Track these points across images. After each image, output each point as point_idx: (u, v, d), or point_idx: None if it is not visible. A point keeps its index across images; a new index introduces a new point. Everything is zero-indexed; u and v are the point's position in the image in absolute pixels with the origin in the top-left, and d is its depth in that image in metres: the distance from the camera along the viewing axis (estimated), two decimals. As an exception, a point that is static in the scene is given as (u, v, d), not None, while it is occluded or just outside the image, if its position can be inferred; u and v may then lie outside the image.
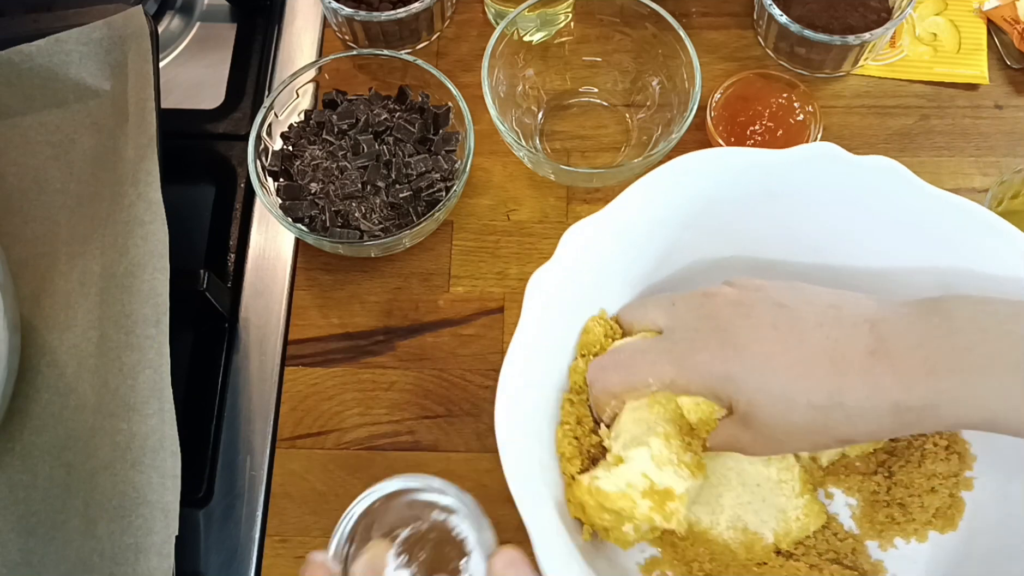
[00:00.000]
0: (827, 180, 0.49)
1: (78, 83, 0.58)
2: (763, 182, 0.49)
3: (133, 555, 0.47)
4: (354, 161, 0.58)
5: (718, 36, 0.68)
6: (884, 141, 0.64)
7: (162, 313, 0.50)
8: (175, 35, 0.70)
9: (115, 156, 0.56)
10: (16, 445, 0.52)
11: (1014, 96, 0.65)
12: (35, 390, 0.52)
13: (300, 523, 0.54)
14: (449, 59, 0.67)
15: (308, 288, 0.60)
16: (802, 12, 0.64)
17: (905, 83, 0.66)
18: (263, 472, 0.55)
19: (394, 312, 0.59)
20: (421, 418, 0.56)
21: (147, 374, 0.49)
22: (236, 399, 0.57)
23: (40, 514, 0.50)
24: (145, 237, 0.51)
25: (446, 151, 0.59)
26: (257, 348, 0.59)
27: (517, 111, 0.63)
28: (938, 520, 0.49)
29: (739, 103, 0.63)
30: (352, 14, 0.63)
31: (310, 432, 0.56)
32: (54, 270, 0.55)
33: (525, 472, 0.43)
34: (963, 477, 0.50)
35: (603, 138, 0.64)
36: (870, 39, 0.61)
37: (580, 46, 0.65)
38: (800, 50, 0.64)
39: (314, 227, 0.57)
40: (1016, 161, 0.63)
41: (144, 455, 0.48)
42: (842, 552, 0.49)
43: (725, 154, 0.49)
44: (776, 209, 0.50)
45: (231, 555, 0.53)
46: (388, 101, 0.61)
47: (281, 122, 0.60)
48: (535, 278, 0.47)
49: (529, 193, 0.62)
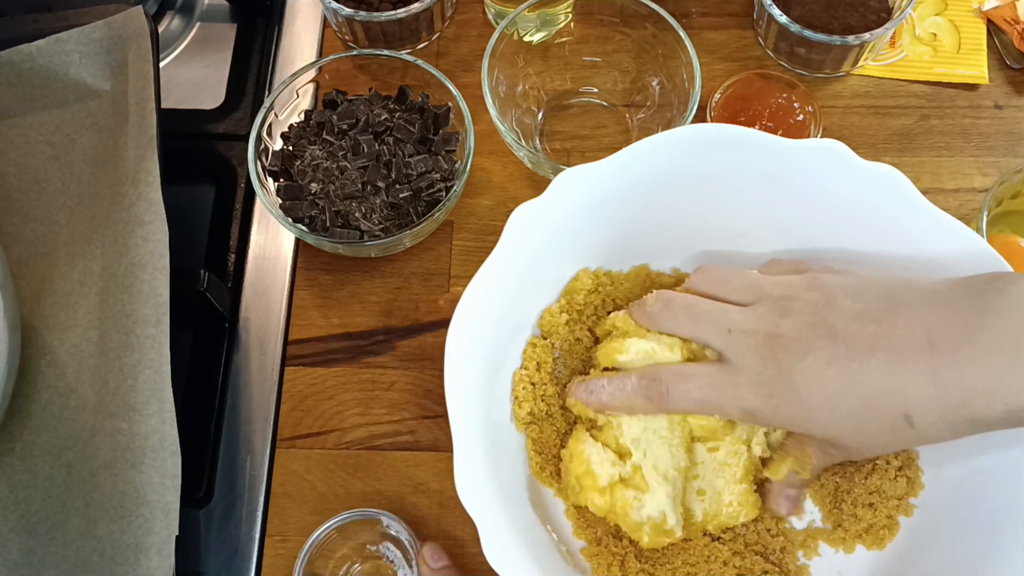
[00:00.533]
0: (827, 177, 0.49)
1: (78, 83, 0.59)
2: (765, 165, 0.49)
3: (133, 555, 0.47)
4: (354, 161, 0.58)
5: (718, 36, 0.68)
6: (884, 141, 0.64)
7: (162, 313, 0.50)
8: (175, 35, 0.70)
9: (115, 156, 0.56)
10: (16, 445, 0.52)
11: (1014, 96, 0.65)
12: (35, 390, 0.52)
13: (300, 523, 0.54)
14: (449, 59, 0.67)
15: (308, 288, 0.60)
16: (802, 12, 0.64)
17: (905, 83, 0.66)
18: (263, 472, 0.55)
19: (394, 312, 0.59)
20: (421, 418, 0.56)
21: (147, 374, 0.49)
22: (236, 399, 0.57)
23: (40, 514, 0.50)
24: (145, 237, 0.51)
25: (446, 151, 0.59)
26: (257, 348, 0.59)
27: (517, 111, 0.63)
28: (868, 536, 0.49)
29: (739, 103, 0.63)
30: (352, 14, 0.63)
31: (310, 432, 0.56)
32: (54, 270, 0.55)
33: (464, 397, 0.45)
34: (906, 502, 0.49)
35: (603, 138, 0.64)
36: (870, 39, 0.61)
37: (580, 46, 0.65)
38: (800, 50, 0.64)
39: (314, 227, 0.57)
40: (1016, 161, 0.63)
41: (144, 455, 0.48)
42: (770, 548, 0.49)
43: (734, 130, 0.49)
44: (772, 194, 0.50)
45: (231, 555, 0.53)
46: (388, 101, 0.61)
47: (281, 122, 0.60)
48: (519, 211, 0.47)
49: (529, 193, 0.62)
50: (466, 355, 0.45)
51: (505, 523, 0.44)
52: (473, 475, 0.43)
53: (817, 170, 0.49)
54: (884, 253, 0.49)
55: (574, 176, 0.48)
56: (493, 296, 0.47)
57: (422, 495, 0.55)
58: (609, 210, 0.50)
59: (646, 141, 0.48)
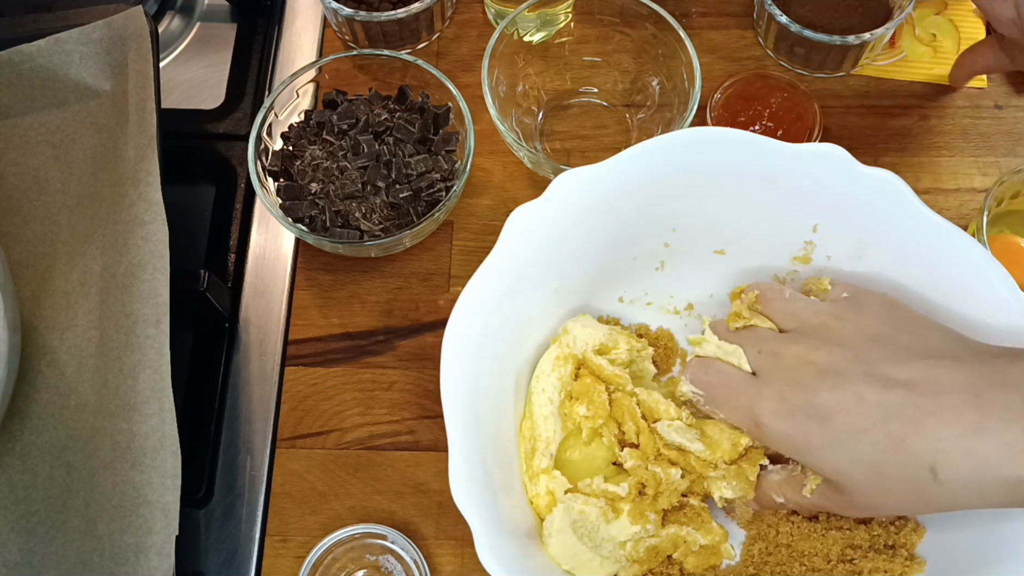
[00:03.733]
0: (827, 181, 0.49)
1: (78, 83, 0.58)
2: (765, 169, 0.49)
3: (133, 555, 0.47)
4: (354, 161, 0.58)
5: (718, 36, 0.68)
6: (884, 141, 0.64)
7: (162, 313, 0.50)
8: (175, 35, 0.70)
9: (115, 156, 0.56)
10: (16, 445, 0.52)
11: (1014, 96, 0.65)
12: (35, 390, 0.52)
13: (300, 523, 0.54)
14: (449, 59, 0.67)
15: (308, 288, 0.60)
16: (802, 12, 0.64)
17: (905, 83, 0.66)
18: (263, 472, 0.55)
19: (394, 312, 0.59)
20: (421, 418, 0.56)
21: (147, 374, 0.49)
22: (236, 399, 0.57)
23: (40, 514, 0.50)
24: (145, 237, 0.51)
25: (446, 151, 0.59)
26: (257, 348, 0.59)
27: (517, 111, 0.63)
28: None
29: (739, 103, 0.63)
30: (352, 14, 0.63)
31: (310, 432, 0.56)
32: (54, 270, 0.55)
33: (460, 397, 0.45)
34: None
35: (603, 138, 0.64)
36: (870, 39, 0.61)
37: (580, 46, 0.65)
38: (799, 50, 0.64)
39: (314, 227, 0.57)
40: (1016, 161, 0.63)
41: (144, 455, 0.48)
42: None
43: (734, 134, 0.49)
44: (772, 198, 0.50)
45: (231, 555, 0.53)
46: (388, 101, 0.61)
47: (281, 122, 0.60)
48: (518, 212, 0.47)
49: (529, 193, 0.62)
50: (463, 355, 0.45)
51: (500, 525, 0.44)
52: (468, 476, 0.43)
53: (817, 174, 0.49)
54: (883, 258, 0.49)
55: (574, 177, 0.48)
56: (491, 296, 0.47)
57: (422, 495, 0.55)
58: (608, 211, 0.50)
59: (646, 143, 0.49)
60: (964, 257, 0.46)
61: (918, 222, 0.47)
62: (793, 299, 0.47)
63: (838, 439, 0.41)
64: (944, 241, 0.47)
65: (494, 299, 0.47)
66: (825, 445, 0.41)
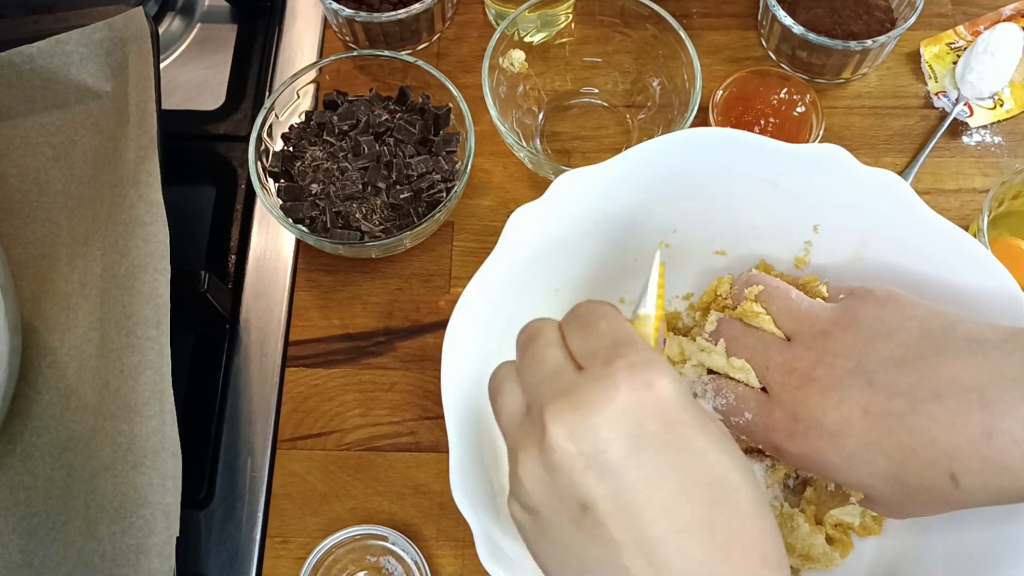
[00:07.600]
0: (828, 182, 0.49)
1: (79, 84, 0.59)
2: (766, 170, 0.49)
3: (134, 556, 0.47)
4: (355, 162, 0.58)
5: (719, 37, 0.68)
6: (884, 142, 0.64)
7: (163, 314, 0.50)
8: (176, 36, 0.70)
9: (116, 157, 0.56)
10: (17, 446, 0.52)
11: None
12: (36, 391, 0.52)
13: (301, 524, 0.54)
14: (450, 60, 0.67)
15: (309, 289, 0.60)
16: (807, 16, 0.64)
17: (906, 83, 0.66)
18: (264, 473, 0.55)
19: (395, 313, 0.59)
20: (422, 419, 0.56)
21: (148, 375, 0.49)
22: (237, 400, 0.57)
23: (41, 515, 0.50)
24: (146, 238, 0.51)
25: (447, 152, 0.59)
26: (258, 349, 0.59)
27: (518, 112, 0.63)
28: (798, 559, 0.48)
29: (740, 103, 0.63)
30: (353, 15, 0.63)
31: (311, 433, 0.56)
32: (55, 271, 0.55)
33: (461, 399, 0.44)
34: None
35: (604, 139, 0.64)
36: (872, 46, 0.61)
37: (581, 47, 0.65)
38: (801, 53, 0.64)
39: (315, 228, 0.57)
40: (1017, 161, 0.63)
41: (145, 456, 0.48)
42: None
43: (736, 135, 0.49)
44: (773, 199, 0.50)
45: (232, 556, 0.53)
46: (389, 102, 0.61)
47: (282, 123, 0.60)
48: (518, 212, 0.47)
49: (530, 194, 0.62)
50: (463, 356, 0.45)
51: (500, 526, 0.44)
52: (468, 477, 0.43)
53: (817, 175, 0.49)
54: (884, 259, 0.49)
55: (575, 178, 0.48)
56: (492, 298, 0.47)
57: (423, 496, 0.54)
58: (609, 212, 0.50)
59: (647, 144, 0.48)
60: (965, 258, 0.46)
61: (919, 223, 0.47)
62: (798, 300, 0.47)
63: (853, 455, 0.41)
64: (945, 242, 0.47)
65: (495, 300, 0.47)
66: (843, 463, 0.41)
